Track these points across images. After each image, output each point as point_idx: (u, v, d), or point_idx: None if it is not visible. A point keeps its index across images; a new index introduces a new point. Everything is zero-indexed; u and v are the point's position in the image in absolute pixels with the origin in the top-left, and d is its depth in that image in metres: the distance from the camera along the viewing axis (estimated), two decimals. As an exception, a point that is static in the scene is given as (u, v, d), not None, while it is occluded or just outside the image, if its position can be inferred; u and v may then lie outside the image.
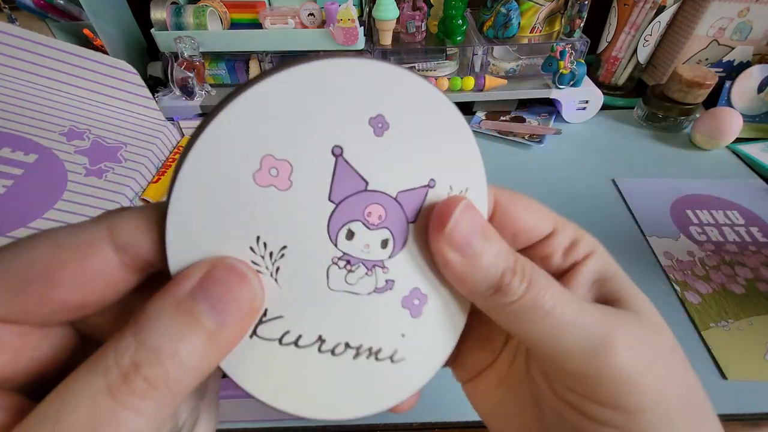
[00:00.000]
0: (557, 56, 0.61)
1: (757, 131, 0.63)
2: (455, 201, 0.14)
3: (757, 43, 0.65)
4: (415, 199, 0.14)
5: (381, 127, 0.13)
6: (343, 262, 0.13)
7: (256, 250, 0.12)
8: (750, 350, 0.37)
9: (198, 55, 0.61)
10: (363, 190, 0.13)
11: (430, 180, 0.14)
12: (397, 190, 0.13)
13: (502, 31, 0.64)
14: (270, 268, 0.12)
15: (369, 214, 0.13)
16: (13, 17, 0.70)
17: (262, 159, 0.11)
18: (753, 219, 0.49)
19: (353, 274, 0.14)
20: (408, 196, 0.14)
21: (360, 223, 0.13)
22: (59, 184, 0.46)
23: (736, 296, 0.41)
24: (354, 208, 0.13)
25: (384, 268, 0.14)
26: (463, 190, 0.14)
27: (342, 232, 0.13)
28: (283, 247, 0.12)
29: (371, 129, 0.12)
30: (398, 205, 0.14)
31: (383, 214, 0.13)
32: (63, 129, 0.51)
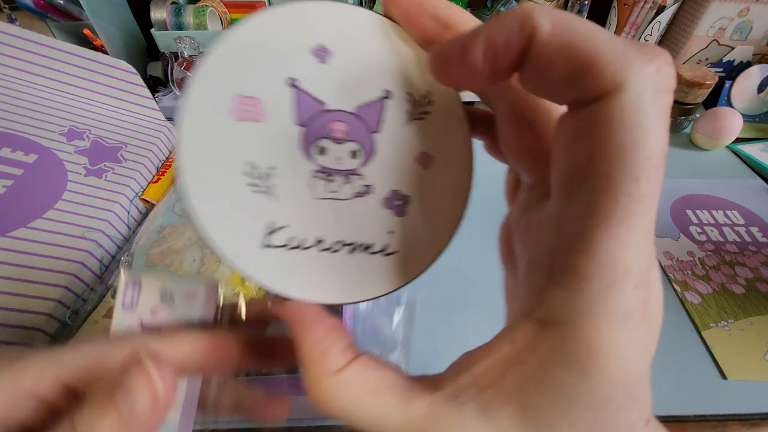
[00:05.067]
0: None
1: (757, 131, 0.63)
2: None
3: (757, 43, 0.65)
4: (375, 111, 0.16)
5: (324, 55, 0.15)
6: (322, 174, 0.16)
7: (250, 173, 0.15)
8: (750, 350, 0.37)
9: (198, 55, 0.61)
10: (322, 111, 0.15)
11: (384, 91, 0.15)
12: (354, 105, 0.15)
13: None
14: (265, 186, 0.15)
15: (333, 131, 0.15)
16: (13, 17, 0.70)
17: (236, 98, 0.14)
18: (753, 219, 0.49)
19: (333, 183, 0.16)
20: (366, 109, 0.15)
21: (327, 139, 0.15)
22: (59, 184, 0.46)
23: (736, 296, 0.41)
24: (319, 127, 0.15)
25: (359, 175, 0.16)
26: (424, 95, 0.16)
27: (314, 148, 0.15)
28: (272, 167, 0.15)
29: (315, 59, 0.15)
30: (358, 118, 0.16)
31: (347, 129, 0.15)
32: (63, 129, 0.51)
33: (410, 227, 0.16)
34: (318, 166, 0.16)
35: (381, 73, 0.15)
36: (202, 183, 0.15)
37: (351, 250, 0.16)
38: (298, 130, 0.15)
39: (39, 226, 0.42)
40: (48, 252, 0.40)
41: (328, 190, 0.16)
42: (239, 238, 0.15)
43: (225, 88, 0.14)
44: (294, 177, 0.15)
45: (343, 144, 0.16)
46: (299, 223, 0.16)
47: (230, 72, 0.14)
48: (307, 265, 0.16)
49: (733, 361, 0.36)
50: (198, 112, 0.14)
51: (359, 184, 0.16)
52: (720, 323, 0.39)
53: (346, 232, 0.16)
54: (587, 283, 0.10)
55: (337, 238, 0.16)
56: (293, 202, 0.16)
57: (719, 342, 0.37)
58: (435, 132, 0.16)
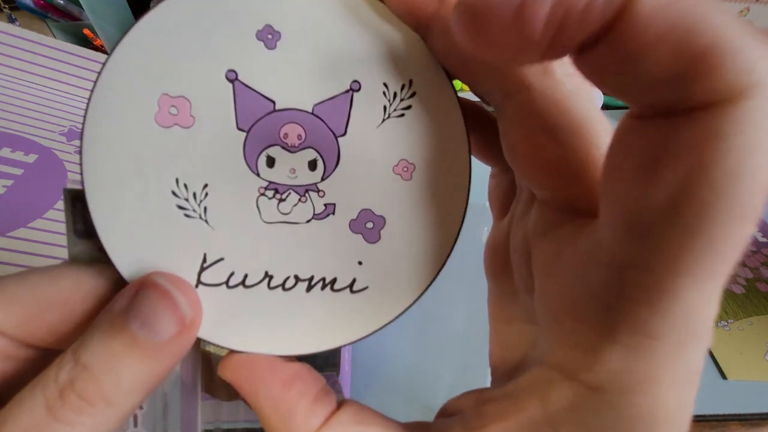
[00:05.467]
0: (557, 56, 0.61)
1: (757, 131, 0.63)
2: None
3: (757, 43, 0.65)
4: (339, 108, 0.12)
5: (271, 38, 0.12)
6: (271, 192, 0.13)
7: (178, 193, 0.12)
8: (750, 350, 0.37)
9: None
10: (271, 111, 0.12)
11: (352, 82, 0.12)
12: (313, 102, 0.12)
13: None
14: (197, 210, 0.12)
15: (286, 136, 0.12)
16: (13, 17, 0.70)
17: (159, 100, 0.11)
18: (753, 219, 0.49)
19: (285, 203, 0.13)
20: (328, 107, 0.12)
21: (278, 147, 0.12)
22: (59, 184, 0.46)
23: (736, 296, 0.41)
24: (267, 132, 0.12)
25: (318, 191, 0.13)
26: (406, 85, 0.12)
27: (261, 159, 0.12)
28: (205, 185, 0.12)
29: (261, 43, 0.12)
30: (318, 119, 0.12)
31: (302, 133, 0.12)
32: (63, 129, 0.51)
33: (385, 256, 0.13)
34: (265, 182, 0.12)
35: (346, 58, 0.12)
36: (114, 208, 0.12)
37: (309, 287, 0.13)
38: (239, 137, 0.12)
39: (39, 226, 0.42)
40: (48, 252, 0.40)
41: (278, 212, 0.13)
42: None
43: (147, 86, 0.11)
44: (234, 197, 0.12)
45: (299, 152, 0.12)
46: (241, 254, 0.13)
47: (150, 64, 0.11)
48: (253, 308, 0.13)
49: (733, 361, 0.36)
50: (108, 117, 0.11)
51: (319, 203, 0.13)
52: (720, 323, 0.39)
53: (302, 265, 0.13)
54: (657, 344, 0.08)
55: (290, 272, 0.13)
56: (233, 228, 0.12)
57: (719, 342, 0.37)
58: (419, 132, 0.12)
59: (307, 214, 0.13)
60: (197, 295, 0.12)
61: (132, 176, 0.12)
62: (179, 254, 0.12)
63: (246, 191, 0.12)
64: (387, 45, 0.12)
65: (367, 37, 0.12)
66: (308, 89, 0.12)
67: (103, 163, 0.12)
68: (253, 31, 0.12)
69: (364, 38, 0.12)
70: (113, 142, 0.11)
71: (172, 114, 0.12)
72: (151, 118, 0.12)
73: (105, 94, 0.11)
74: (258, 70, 0.12)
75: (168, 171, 0.12)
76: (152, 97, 0.11)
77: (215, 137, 0.12)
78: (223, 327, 0.13)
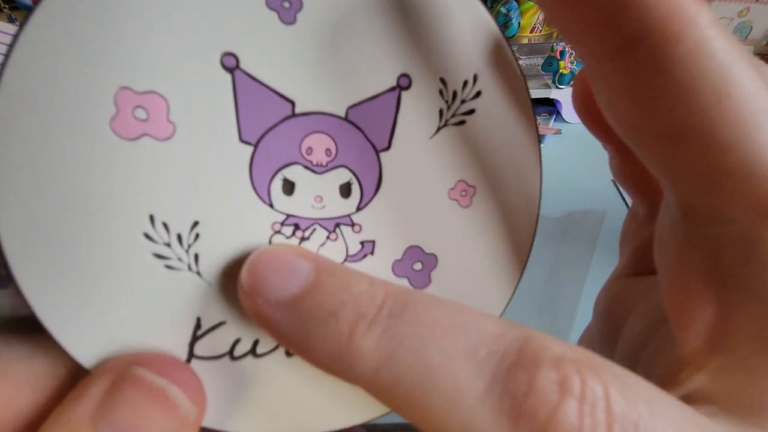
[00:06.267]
0: (557, 56, 0.61)
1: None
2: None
3: (757, 43, 0.65)
4: (382, 112, 0.09)
5: (289, 7, 0.08)
6: (289, 228, 0.09)
7: (155, 236, 0.08)
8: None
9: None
10: (290, 116, 0.09)
11: (399, 77, 0.09)
12: (346, 104, 0.09)
13: (502, 31, 0.64)
14: (185, 259, 0.09)
15: (309, 151, 0.09)
16: (13, 17, 0.70)
17: (116, 96, 0.08)
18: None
19: (309, 242, 0.09)
20: (367, 110, 0.09)
21: (299, 166, 0.09)
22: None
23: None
24: (284, 146, 0.09)
25: (354, 225, 0.10)
26: (469, 81, 0.09)
27: (275, 184, 0.09)
28: (194, 224, 0.09)
29: (274, 14, 0.08)
30: (353, 127, 0.09)
31: (332, 147, 0.09)
32: (63, 129, 0.51)
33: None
34: (282, 215, 0.09)
35: (392, 42, 0.09)
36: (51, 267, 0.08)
37: None
38: (243, 153, 0.09)
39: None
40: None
41: None
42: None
43: (91, 73, 0.07)
44: (237, 237, 0.09)
45: (327, 173, 0.09)
46: (245, 314, 0.09)
47: (99, 38, 0.07)
48: (267, 382, 0.10)
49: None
50: (26, 124, 0.07)
51: (354, 240, 0.10)
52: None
53: None
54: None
55: None
56: (235, 282, 0.09)
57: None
58: (482, 146, 0.10)
59: (337, 257, 0.10)
60: (199, 381, 0.09)
61: (77, 216, 0.08)
62: (160, 322, 0.09)
63: (254, 229, 0.09)
64: (446, 26, 0.09)
65: (421, 14, 0.09)
66: (341, 85, 0.09)
67: (25, 195, 0.08)
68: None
69: (416, 13, 0.09)
70: (39, 163, 0.07)
71: (140, 119, 0.08)
72: (104, 124, 0.08)
73: (19, 86, 0.07)
74: (269, 54, 0.08)
75: (137, 206, 0.08)
76: (105, 92, 0.08)
77: (207, 153, 0.08)
78: (229, 409, 0.09)
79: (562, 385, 0.06)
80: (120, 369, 0.08)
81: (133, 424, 0.08)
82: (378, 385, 0.07)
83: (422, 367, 0.07)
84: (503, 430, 0.06)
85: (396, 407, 0.07)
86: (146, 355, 0.09)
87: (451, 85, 0.09)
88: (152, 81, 0.08)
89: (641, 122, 0.08)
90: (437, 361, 0.07)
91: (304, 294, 0.08)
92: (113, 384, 0.08)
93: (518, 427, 0.06)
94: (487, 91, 0.10)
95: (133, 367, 0.08)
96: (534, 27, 0.65)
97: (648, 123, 0.08)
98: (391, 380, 0.07)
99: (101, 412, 0.08)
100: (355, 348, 0.07)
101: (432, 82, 0.09)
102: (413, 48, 0.09)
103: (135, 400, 0.08)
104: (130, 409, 0.08)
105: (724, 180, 0.07)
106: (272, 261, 0.08)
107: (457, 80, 0.09)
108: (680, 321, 0.09)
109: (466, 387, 0.07)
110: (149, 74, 0.08)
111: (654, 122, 0.08)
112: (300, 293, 0.08)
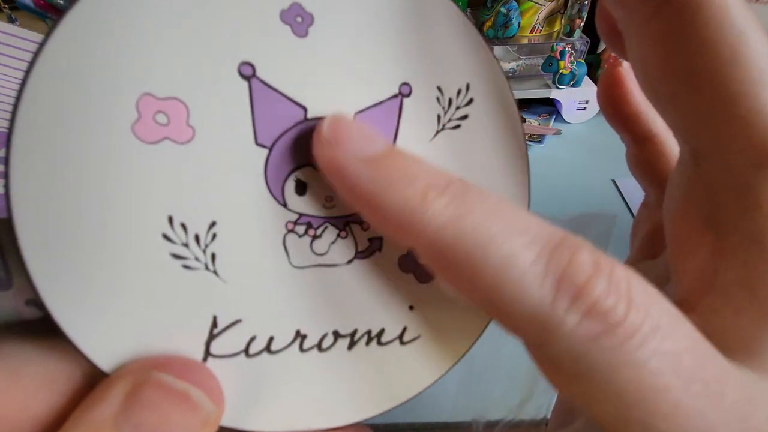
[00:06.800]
0: (557, 56, 0.61)
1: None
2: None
3: (758, 43, 0.65)
4: (386, 117, 0.10)
5: (301, 21, 0.09)
6: (302, 227, 0.10)
7: (173, 237, 0.09)
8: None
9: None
10: (302, 120, 0.09)
11: (401, 85, 0.10)
12: (354, 109, 0.10)
13: (502, 31, 0.64)
14: (202, 258, 0.09)
15: None
16: (13, 17, 0.70)
17: (139, 102, 0.08)
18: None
19: (320, 240, 0.10)
20: (373, 116, 0.10)
21: (311, 168, 0.10)
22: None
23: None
24: (297, 149, 0.09)
25: (362, 223, 0.10)
26: (462, 89, 0.10)
27: (288, 185, 0.10)
28: (212, 224, 0.09)
29: (287, 28, 0.09)
30: None
31: None
32: (63, 129, 0.51)
33: (439, 297, 0.11)
34: (295, 215, 0.10)
35: (395, 53, 0.10)
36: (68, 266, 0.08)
37: (351, 344, 0.10)
38: (259, 155, 0.09)
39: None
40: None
41: (312, 253, 0.10)
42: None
43: (121, 80, 0.08)
44: (253, 237, 0.09)
45: None
46: (264, 311, 0.10)
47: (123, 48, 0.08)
48: (282, 378, 0.10)
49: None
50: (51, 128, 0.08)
51: (363, 237, 0.10)
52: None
53: (342, 317, 0.10)
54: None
55: (328, 329, 0.10)
56: (253, 278, 0.09)
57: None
58: (474, 148, 0.11)
59: (347, 254, 0.10)
60: (217, 381, 0.09)
61: (97, 218, 0.08)
62: (177, 322, 0.09)
63: (269, 228, 0.09)
64: (442, 37, 0.10)
65: (420, 27, 0.09)
66: (348, 92, 0.10)
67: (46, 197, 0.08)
68: (276, 11, 0.09)
69: (415, 27, 0.09)
70: (61, 165, 0.08)
71: (161, 124, 0.08)
72: (126, 129, 0.08)
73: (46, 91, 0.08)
74: (283, 63, 0.09)
75: (156, 207, 0.08)
76: (128, 99, 0.08)
77: (224, 156, 0.09)
78: (245, 407, 0.10)
79: (596, 263, 0.08)
80: (141, 372, 0.08)
81: (157, 426, 0.08)
82: (441, 240, 0.08)
83: (484, 231, 0.08)
84: (547, 289, 0.07)
85: (450, 266, 0.08)
86: (165, 358, 0.09)
87: (446, 93, 0.10)
88: (173, 87, 0.08)
89: (666, 74, 0.09)
90: (497, 230, 0.08)
91: (381, 156, 0.09)
92: (134, 387, 0.08)
93: (560, 287, 0.07)
94: (478, 98, 0.10)
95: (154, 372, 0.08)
96: (534, 27, 0.65)
97: (672, 74, 0.09)
98: (454, 238, 0.08)
99: (124, 414, 0.08)
100: (427, 206, 0.08)
101: (430, 90, 0.10)
102: (412, 58, 0.10)
103: (157, 402, 0.08)
104: (153, 411, 0.08)
105: (730, 128, 0.08)
106: (352, 125, 0.09)
107: (451, 88, 0.10)
108: (678, 262, 0.10)
109: (520, 254, 0.08)
110: (170, 81, 0.08)
111: (677, 74, 0.09)
112: (378, 155, 0.09)
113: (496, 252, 0.08)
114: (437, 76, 0.10)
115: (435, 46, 0.10)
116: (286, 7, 0.09)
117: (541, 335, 0.08)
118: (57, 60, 0.08)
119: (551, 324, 0.07)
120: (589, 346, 0.07)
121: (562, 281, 0.07)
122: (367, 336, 0.11)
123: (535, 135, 0.62)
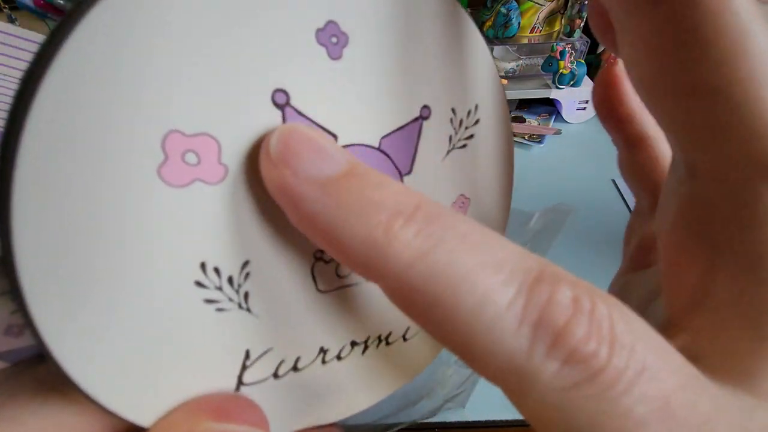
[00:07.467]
0: (557, 56, 0.61)
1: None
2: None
3: (757, 43, 0.65)
4: (407, 141, 0.10)
5: (336, 42, 0.08)
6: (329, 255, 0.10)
7: (206, 282, 0.08)
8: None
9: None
10: None
11: (422, 108, 0.10)
12: (380, 135, 0.09)
13: (502, 31, 0.64)
14: (236, 299, 0.09)
15: None
16: (13, 17, 0.70)
17: (165, 141, 0.07)
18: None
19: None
20: (396, 139, 0.10)
21: None
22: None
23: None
24: None
25: None
26: (471, 111, 0.10)
27: None
28: (245, 263, 0.09)
29: (323, 49, 0.08)
30: (384, 156, 0.10)
31: None
32: (63, 129, 0.51)
33: None
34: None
35: (417, 76, 0.09)
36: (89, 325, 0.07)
37: (364, 350, 0.11)
38: None
39: (39, 226, 0.42)
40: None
41: (337, 277, 0.10)
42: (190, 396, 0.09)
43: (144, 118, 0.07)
44: (284, 270, 0.09)
45: None
46: (293, 337, 0.10)
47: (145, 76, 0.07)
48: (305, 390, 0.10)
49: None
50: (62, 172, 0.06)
51: None
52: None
53: (358, 329, 0.11)
54: None
55: (346, 341, 0.11)
56: (282, 310, 0.09)
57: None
58: (476, 164, 0.11)
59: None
60: (261, 411, 0.09)
61: (119, 278, 0.07)
62: (211, 362, 0.09)
63: (299, 260, 0.09)
64: (456, 61, 0.10)
65: (445, 48, 0.09)
66: (375, 117, 0.09)
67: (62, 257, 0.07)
68: (312, 30, 0.08)
69: (440, 48, 0.09)
70: (76, 215, 0.06)
71: (190, 164, 0.07)
72: (152, 174, 0.07)
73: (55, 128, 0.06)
74: (317, 89, 0.08)
75: (188, 256, 0.08)
76: (152, 138, 0.07)
77: (256, 193, 0.08)
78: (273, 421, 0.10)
79: (576, 301, 0.07)
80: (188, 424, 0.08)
81: None
82: (409, 280, 0.07)
83: (456, 269, 0.07)
84: (523, 336, 0.07)
85: (419, 308, 0.07)
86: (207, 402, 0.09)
87: (459, 114, 0.10)
88: (203, 122, 0.07)
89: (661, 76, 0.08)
90: (470, 266, 0.07)
91: (340, 178, 0.07)
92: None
93: (537, 333, 0.07)
94: (483, 119, 0.11)
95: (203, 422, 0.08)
96: (534, 27, 0.65)
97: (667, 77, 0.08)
98: (423, 278, 0.07)
99: None
100: (392, 239, 0.07)
101: (446, 112, 0.10)
102: (433, 80, 0.10)
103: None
104: None
105: (728, 137, 0.08)
106: (307, 138, 0.08)
107: (463, 110, 0.10)
108: (670, 278, 0.10)
109: (495, 294, 0.07)
110: (199, 115, 0.07)
111: (672, 76, 0.08)
112: (336, 176, 0.07)
113: (470, 292, 0.07)
114: (453, 97, 0.10)
115: (454, 67, 0.10)
116: (322, 26, 0.08)
117: (519, 385, 0.07)
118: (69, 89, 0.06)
119: (528, 373, 0.07)
120: (571, 396, 0.07)
121: (540, 326, 0.07)
122: (378, 340, 0.11)
123: (535, 135, 0.62)
